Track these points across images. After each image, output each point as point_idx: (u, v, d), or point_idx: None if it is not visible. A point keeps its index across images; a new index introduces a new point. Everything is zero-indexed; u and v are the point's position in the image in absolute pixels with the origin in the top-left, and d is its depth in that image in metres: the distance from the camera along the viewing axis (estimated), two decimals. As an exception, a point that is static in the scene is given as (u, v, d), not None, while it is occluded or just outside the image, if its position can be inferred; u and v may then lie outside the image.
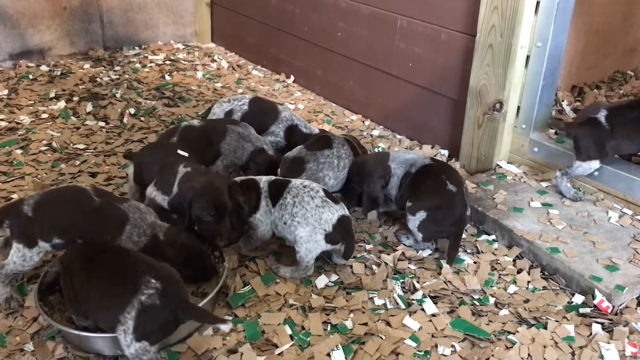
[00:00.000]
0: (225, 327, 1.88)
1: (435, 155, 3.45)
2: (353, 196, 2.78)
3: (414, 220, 2.54)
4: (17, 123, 3.70)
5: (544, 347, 2.11)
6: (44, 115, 3.82)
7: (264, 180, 2.53)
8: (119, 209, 2.24)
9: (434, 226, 2.54)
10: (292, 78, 4.62)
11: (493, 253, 2.62)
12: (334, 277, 2.45)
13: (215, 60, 5.05)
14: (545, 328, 2.20)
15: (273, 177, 2.56)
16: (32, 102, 4.03)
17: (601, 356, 2.08)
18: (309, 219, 2.36)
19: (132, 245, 2.21)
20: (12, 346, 2.07)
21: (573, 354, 2.10)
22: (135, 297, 1.84)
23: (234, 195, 2.39)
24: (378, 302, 2.33)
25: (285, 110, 3.23)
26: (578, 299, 2.35)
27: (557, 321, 2.23)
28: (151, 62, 4.91)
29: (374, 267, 2.53)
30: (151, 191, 2.50)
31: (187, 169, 2.44)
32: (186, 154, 2.59)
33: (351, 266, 2.52)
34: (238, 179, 2.56)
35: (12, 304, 2.22)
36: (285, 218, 2.41)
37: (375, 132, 3.80)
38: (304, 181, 2.49)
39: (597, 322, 2.22)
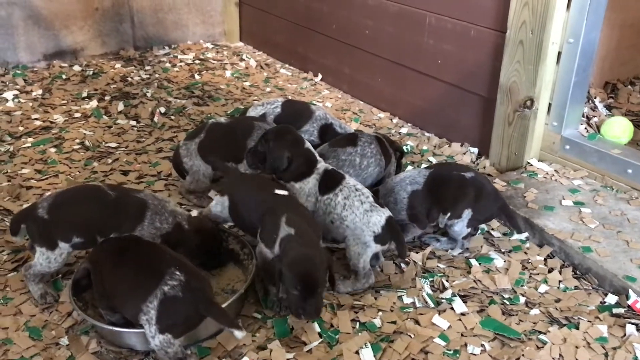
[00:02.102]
0: (238, 334, 1.87)
1: (464, 154, 3.42)
2: None
3: (462, 222, 2.50)
4: (51, 122, 3.78)
5: (576, 347, 2.08)
6: (77, 115, 3.90)
7: (322, 164, 2.52)
8: (136, 197, 2.28)
9: (484, 214, 2.53)
10: (320, 76, 4.63)
11: (525, 252, 2.59)
12: (363, 275, 2.45)
13: (244, 59, 5.09)
14: (577, 328, 2.16)
15: (330, 167, 2.54)
16: (65, 101, 4.11)
17: (635, 357, 2.04)
18: (357, 223, 2.35)
19: (155, 232, 2.26)
20: (48, 340, 2.12)
21: (606, 355, 2.06)
22: (158, 287, 1.88)
23: (331, 270, 2.19)
24: (407, 300, 2.32)
25: (319, 109, 3.24)
26: (611, 299, 2.31)
27: (590, 321, 2.19)
28: (181, 61, 4.97)
29: (403, 265, 2.52)
30: (260, 247, 2.28)
31: (290, 229, 2.15)
32: (285, 192, 2.37)
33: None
34: (309, 146, 2.54)
35: (48, 299, 2.27)
36: (334, 218, 2.40)
37: (404, 130, 3.78)
38: (357, 183, 2.46)
39: (631, 323, 2.18)
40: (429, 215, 2.57)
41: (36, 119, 3.82)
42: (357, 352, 2.05)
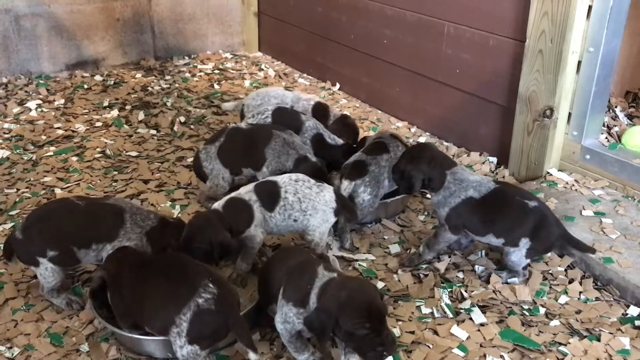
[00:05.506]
0: (252, 356, 1.87)
1: (483, 163, 3.41)
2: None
3: (519, 251, 2.38)
4: (73, 131, 3.84)
5: (597, 359, 2.05)
6: (98, 124, 3.95)
7: (244, 191, 2.45)
8: (107, 203, 2.32)
9: (544, 244, 2.39)
10: (338, 86, 4.64)
11: (545, 263, 2.56)
12: (381, 285, 2.45)
13: (262, 69, 5.12)
14: (599, 340, 2.14)
15: (252, 185, 2.48)
16: (87, 110, 4.17)
17: (658, 370, 2.02)
18: (317, 207, 2.47)
19: (140, 230, 2.29)
20: (68, 346, 2.14)
21: (628, 367, 2.04)
22: (192, 299, 1.87)
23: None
24: (425, 310, 2.31)
25: (309, 119, 3.20)
26: (634, 310, 2.28)
27: (611, 333, 2.16)
28: (200, 71, 5.02)
29: (421, 275, 2.51)
30: (284, 314, 1.99)
31: (332, 274, 1.95)
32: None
33: (396, 272, 2.51)
34: (218, 204, 2.42)
35: (75, 306, 2.31)
36: (296, 216, 2.47)
37: (422, 139, 3.77)
38: (290, 175, 2.54)
39: (654, 335, 2.15)
40: (469, 225, 2.44)
41: (58, 127, 3.88)
42: (375, 362, 2.04)
